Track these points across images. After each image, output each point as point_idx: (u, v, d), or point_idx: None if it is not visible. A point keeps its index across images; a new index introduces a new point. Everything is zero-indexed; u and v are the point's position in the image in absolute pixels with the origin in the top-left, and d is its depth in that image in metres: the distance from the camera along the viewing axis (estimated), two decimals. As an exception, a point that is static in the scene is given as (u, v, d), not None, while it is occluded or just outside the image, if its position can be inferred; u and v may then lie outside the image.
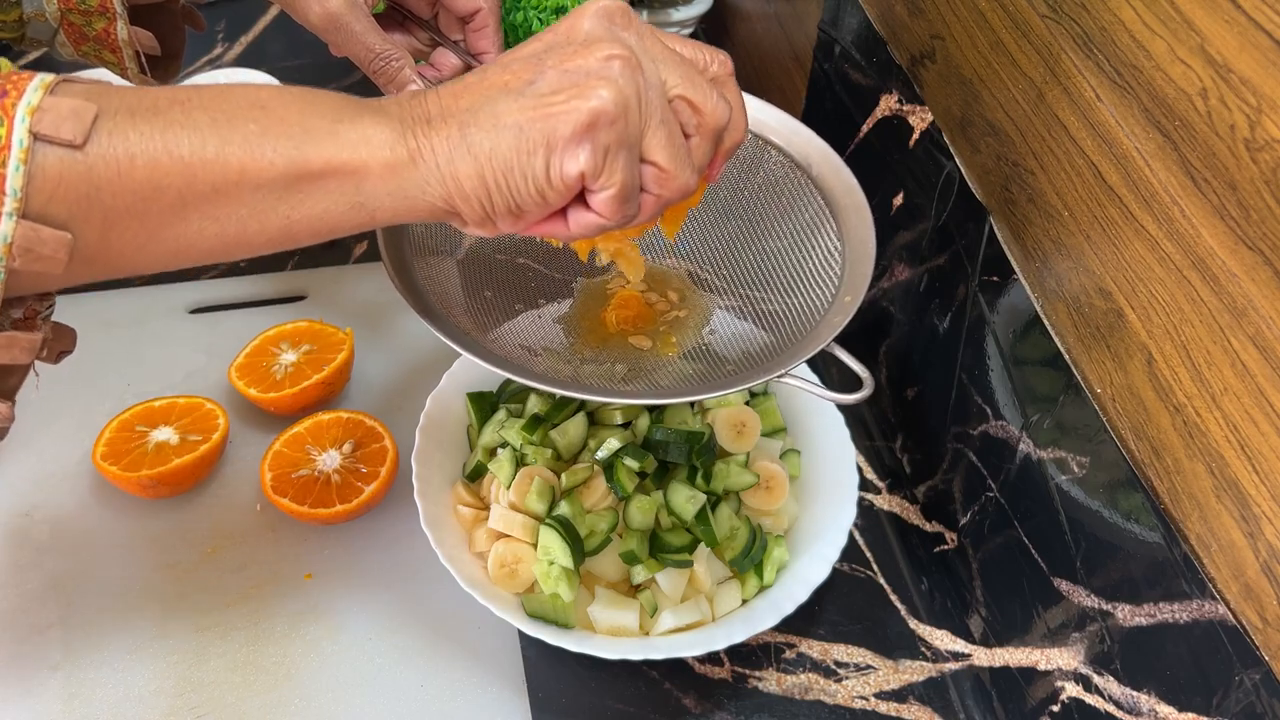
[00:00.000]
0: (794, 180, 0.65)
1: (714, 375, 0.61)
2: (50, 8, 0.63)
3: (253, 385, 0.81)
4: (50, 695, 0.67)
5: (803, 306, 0.61)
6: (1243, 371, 0.47)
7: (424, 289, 0.60)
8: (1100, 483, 0.58)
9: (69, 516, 0.76)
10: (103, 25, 0.64)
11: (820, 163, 0.63)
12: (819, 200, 0.63)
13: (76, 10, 0.63)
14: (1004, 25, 0.64)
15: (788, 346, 0.59)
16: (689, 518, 0.70)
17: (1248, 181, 0.45)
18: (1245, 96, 0.45)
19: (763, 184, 0.65)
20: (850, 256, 0.60)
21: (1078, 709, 0.61)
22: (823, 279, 0.62)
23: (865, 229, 0.60)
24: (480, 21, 0.67)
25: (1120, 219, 0.55)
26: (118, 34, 0.64)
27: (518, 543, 0.70)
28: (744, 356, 0.61)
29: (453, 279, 0.64)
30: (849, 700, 0.70)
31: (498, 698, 0.68)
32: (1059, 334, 0.61)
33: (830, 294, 0.60)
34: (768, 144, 0.65)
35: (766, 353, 0.60)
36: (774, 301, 0.63)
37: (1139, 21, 0.51)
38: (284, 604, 0.72)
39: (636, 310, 0.64)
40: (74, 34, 0.65)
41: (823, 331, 0.57)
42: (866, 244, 0.60)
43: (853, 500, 0.73)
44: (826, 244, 0.62)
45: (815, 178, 0.64)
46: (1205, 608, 0.50)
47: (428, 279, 0.62)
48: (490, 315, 0.64)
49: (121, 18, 0.64)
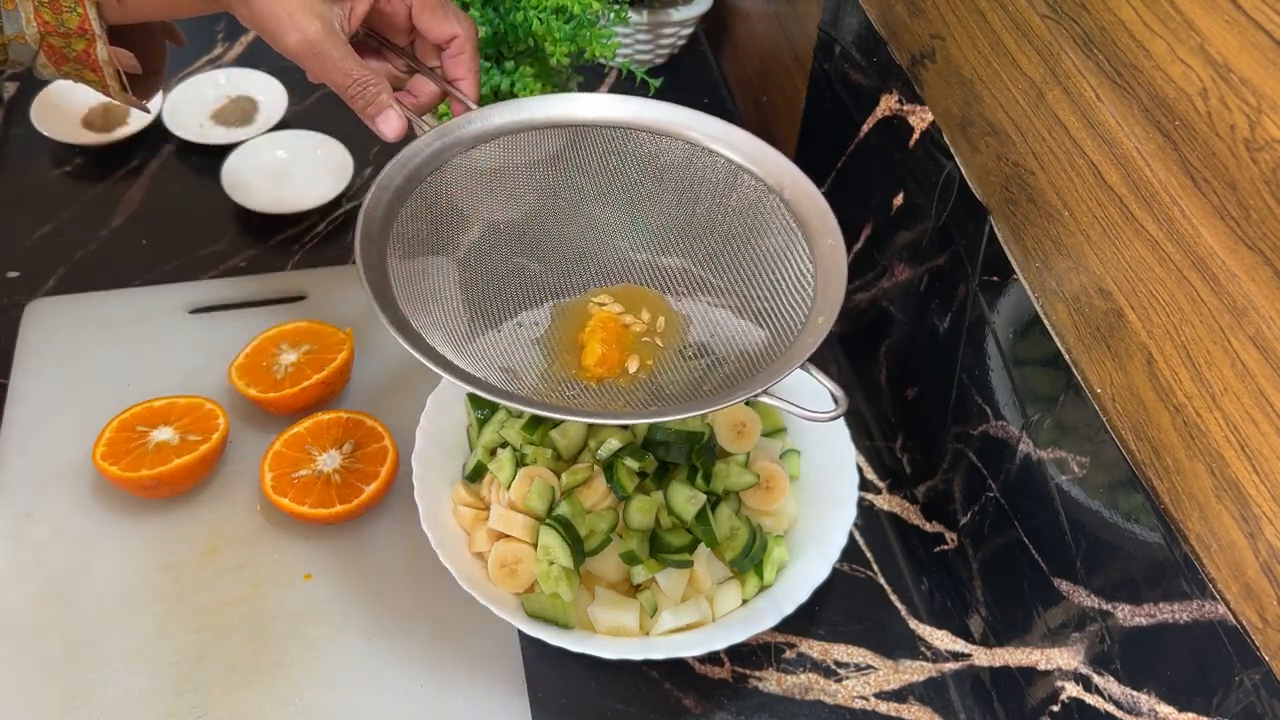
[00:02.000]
0: (767, 203, 0.66)
1: (690, 395, 0.61)
2: (30, 30, 0.62)
3: (253, 385, 0.80)
4: (50, 695, 0.67)
5: (778, 327, 0.62)
6: (1243, 371, 0.47)
7: (400, 301, 0.60)
8: (1100, 483, 0.58)
9: (69, 516, 0.76)
10: (83, 46, 0.63)
11: (792, 186, 0.64)
12: (791, 223, 0.64)
13: (55, 33, 0.63)
14: (1004, 25, 0.64)
15: (763, 367, 0.59)
16: (689, 518, 0.70)
17: (1248, 181, 0.45)
18: (1245, 96, 0.45)
19: (737, 207, 0.66)
20: (822, 278, 0.61)
21: (1078, 709, 0.61)
22: (796, 300, 0.62)
23: (837, 252, 0.61)
24: (456, 48, 0.67)
25: (1120, 219, 0.55)
26: (98, 54, 0.64)
27: (518, 543, 0.70)
28: (721, 376, 0.62)
29: (445, 279, 0.64)
30: (849, 700, 0.70)
31: (498, 698, 0.68)
32: (1059, 334, 0.61)
33: (804, 315, 0.61)
34: (740, 169, 0.66)
35: (742, 373, 0.61)
36: (749, 322, 0.63)
37: (1139, 21, 0.51)
38: (284, 604, 0.72)
39: (615, 332, 0.66)
40: (54, 55, 0.64)
41: (797, 352, 0.58)
42: (838, 266, 0.60)
43: (853, 500, 0.73)
44: (799, 265, 0.63)
45: (787, 200, 0.64)
46: (1205, 608, 0.50)
47: (407, 287, 0.61)
48: (481, 318, 0.64)
49: (101, 39, 0.63)
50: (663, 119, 0.68)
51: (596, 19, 0.88)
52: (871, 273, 0.85)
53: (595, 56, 0.88)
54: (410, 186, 0.64)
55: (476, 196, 0.67)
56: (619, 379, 0.63)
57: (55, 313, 0.88)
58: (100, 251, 0.95)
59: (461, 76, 0.67)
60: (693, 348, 0.65)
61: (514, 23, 0.87)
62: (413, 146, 0.65)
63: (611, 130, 0.68)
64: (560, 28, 0.85)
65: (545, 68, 0.91)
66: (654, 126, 0.68)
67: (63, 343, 0.86)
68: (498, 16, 0.87)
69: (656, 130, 0.68)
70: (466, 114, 0.67)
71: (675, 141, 0.67)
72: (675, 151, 0.68)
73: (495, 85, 0.88)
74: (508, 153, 0.68)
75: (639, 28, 1.15)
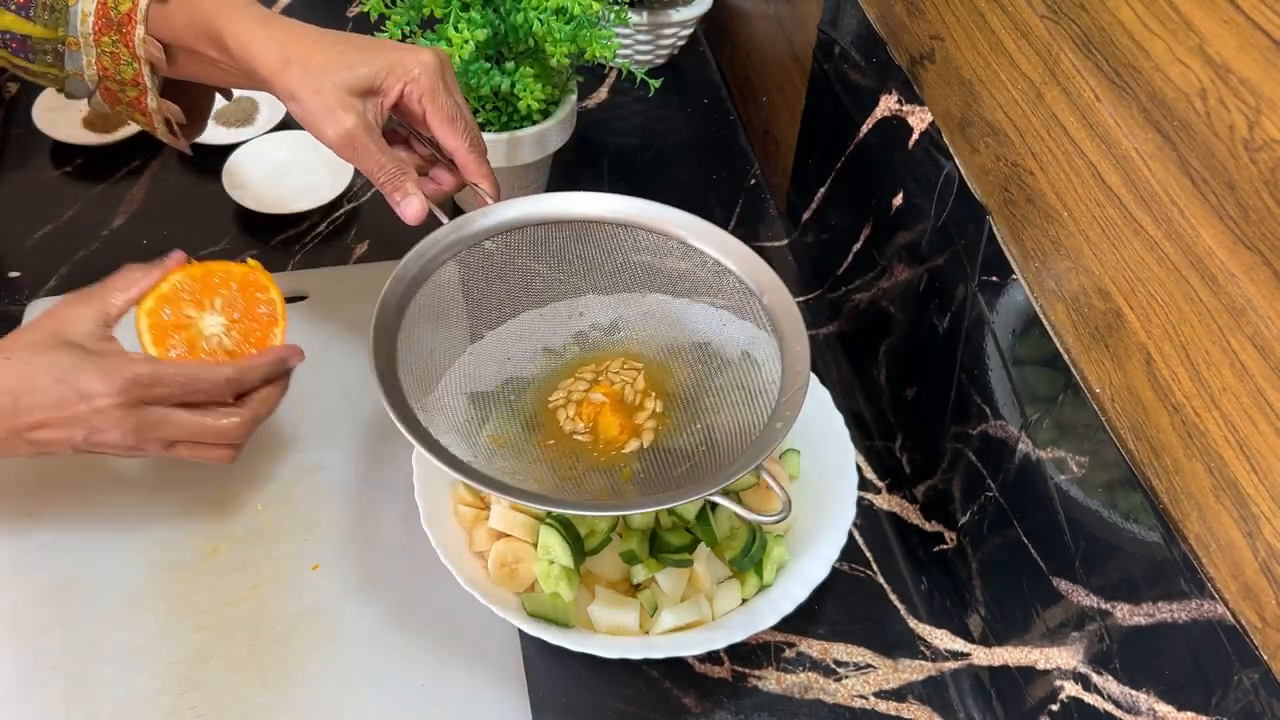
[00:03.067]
0: (748, 305, 0.70)
1: (658, 481, 0.66)
2: (90, 72, 0.70)
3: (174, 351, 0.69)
4: (50, 695, 0.67)
5: (743, 424, 0.66)
6: (1241, 371, 0.47)
7: (408, 393, 0.65)
8: (1099, 482, 0.58)
9: (69, 516, 0.76)
10: (135, 95, 0.71)
11: (770, 291, 0.70)
12: (766, 324, 0.69)
13: (113, 79, 0.70)
14: (1003, 26, 0.64)
15: (724, 464, 0.63)
16: (689, 517, 0.70)
17: (1246, 182, 0.45)
18: (1244, 97, 0.45)
19: (723, 306, 0.72)
20: (786, 384, 0.66)
21: (1077, 708, 0.61)
22: (761, 401, 0.67)
23: (802, 359, 0.66)
24: (462, 160, 0.72)
25: (1119, 219, 0.55)
26: (148, 104, 0.71)
27: (518, 542, 0.70)
28: (688, 468, 0.66)
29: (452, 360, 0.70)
30: (848, 699, 0.70)
31: (498, 698, 0.68)
32: (1058, 334, 0.62)
33: (766, 414, 0.65)
34: (727, 270, 0.71)
35: (706, 468, 0.65)
36: (722, 414, 0.69)
37: (1138, 22, 0.52)
38: (284, 604, 0.72)
39: (623, 407, 0.71)
40: (109, 96, 0.72)
41: (754, 452, 0.62)
42: (801, 375, 0.65)
43: (852, 500, 0.73)
44: (769, 370, 0.68)
45: (766, 306, 0.69)
46: (1204, 607, 0.51)
47: (415, 375, 0.66)
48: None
49: (152, 91, 0.71)
50: (661, 218, 0.73)
51: (597, 20, 0.88)
52: (871, 273, 0.85)
53: (595, 57, 0.88)
54: (424, 276, 0.70)
55: (483, 285, 0.72)
56: (616, 454, 0.68)
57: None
58: (101, 251, 0.96)
59: (477, 182, 0.72)
60: (669, 436, 0.69)
61: (514, 24, 0.87)
62: (430, 239, 0.70)
63: (614, 227, 0.74)
64: (560, 28, 0.85)
65: (545, 68, 0.91)
66: (652, 225, 0.73)
67: (63, 343, 0.86)
68: (498, 17, 0.87)
69: (654, 229, 0.73)
70: (483, 208, 0.72)
71: (670, 240, 0.73)
72: (671, 248, 0.73)
73: (495, 86, 0.88)
74: (515, 244, 0.73)
75: (639, 28, 1.15)
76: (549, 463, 0.68)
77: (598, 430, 0.69)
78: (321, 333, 0.88)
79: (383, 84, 0.68)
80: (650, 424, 0.69)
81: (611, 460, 0.68)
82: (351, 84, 0.67)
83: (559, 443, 0.69)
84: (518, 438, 0.69)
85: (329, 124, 0.67)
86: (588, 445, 0.69)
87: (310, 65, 0.67)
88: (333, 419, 0.83)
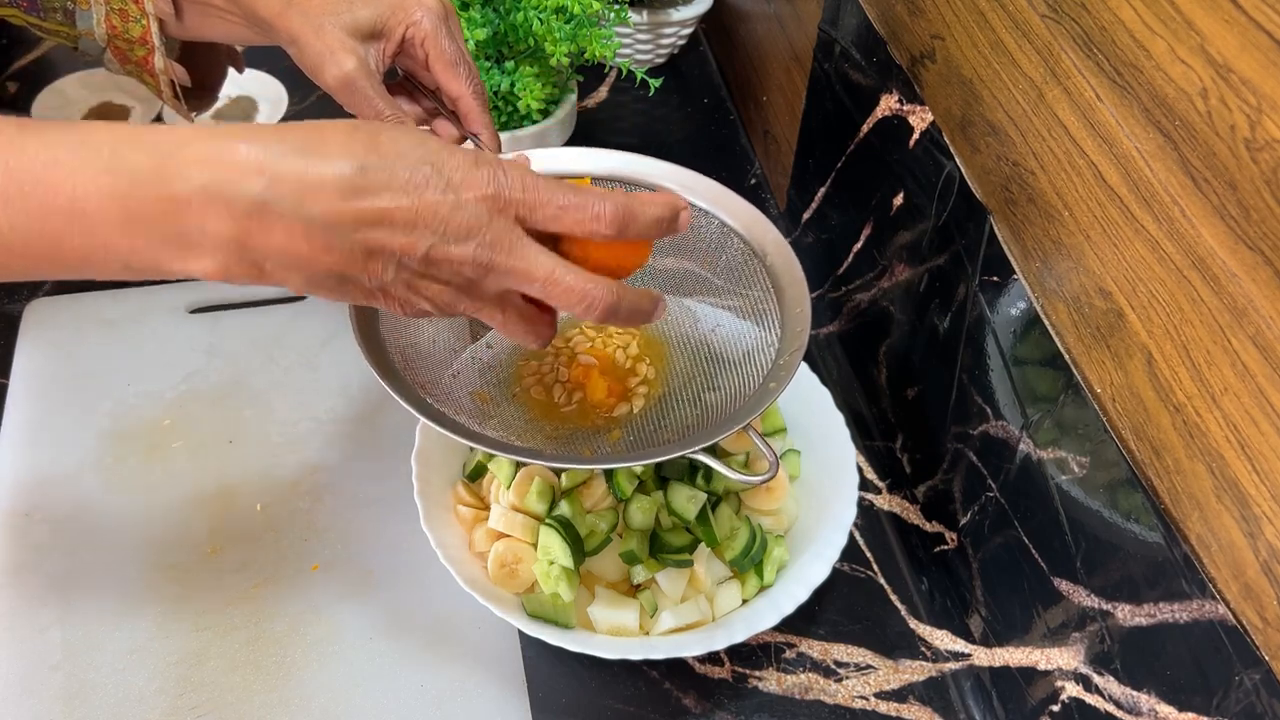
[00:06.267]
0: (751, 267, 0.70)
1: (649, 442, 0.66)
2: (99, 30, 0.70)
3: None
4: (50, 695, 0.67)
5: (737, 389, 0.66)
6: (1243, 371, 0.47)
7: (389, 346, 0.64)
8: (1100, 483, 0.58)
9: (69, 516, 0.76)
10: (143, 54, 0.71)
11: (774, 253, 0.69)
12: (769, 285, 0.68)
13: (121, 37, 0.70)
14: (1004, 25, 0.64)
15: (718, 423, 0.63)
16: (689, 517, 0.70)
17: (1248, 181, 0.45)
18: (1245, 96, 0.45)
19: (725, 266, 0.71)
20: (784, 346, 0.65)
21: (1078, 709, 0.61)
22: (757, 363, 0.66)
23: (803, 317, 0.65)
24: (464, 108, 0.70)
25: (1120, 219, 0.55)
26: (155, 63, 0.71)
27: (518, 543, 0.70)
28: (680, 425, 0.66)
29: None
30: (849, 700, 0.70)
31: (498, 698, 0.68)
32: (1059, 334, 0.61)
33: (759, 377, 0.65)
34: (731, 231, 0.70)
35: (696, 425, 0.65)
36: (719, 375, 0.68)
37: (1139, 21, 0.51)
38: (284, 604, 0.72)
39: (614, 370, 0.70)
40: (119, 55, 0.72)
41: (746, 412, 0.61)
42: (802, 335, 0.64)
43: (853, 500, 0.73)
44: (769, 330, 0.67)
45: (769, 267, 0.69)
46: (1205, 608, 0.50)
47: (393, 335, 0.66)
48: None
49: (159, 50, 0.70)
50: (661, 175, 0.72)
51: (596, 19, 0.88)
52: (871, 272, 0.85)
53: (595, 56, 0.88)
54: None
55: None
56: (608, 418, 0.68)
57: (55, 313, 0.88)
58: (100, 251, 0.95)
59: (478, 132, 0.71)
60: (666, 395, 0.69)
61: (514, 23, 0.87)
62: None
63: (621, 184, 0.72)
64: (560, 28, 0.85)
65: (545, 68, 0.91)
66: (648, 183, 0.72)
67: (63, 343, 0.86)
68: (498, 17, 0.87)
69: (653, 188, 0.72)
70: None
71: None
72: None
73: (496, 85, 0.88)
74: None
75: (639, 28, 1.15)
76: (537, 423, 0.67)
77: (586, 393, 0.69)
78: (321, 333, 0.88)
79: (385, 26, 0.67)
80: (641, 389, 0.69)
81: (599, 424, 0.67)
82: (353, 26, 0.66)
83: (546, 405, 0.69)
84: (504, 399, 0.68)
85: (329, 65, 0.65)
86: (573, 410, 0.68)
87: (311, 7, 0.66)
88: (333, 419, 0.83)
